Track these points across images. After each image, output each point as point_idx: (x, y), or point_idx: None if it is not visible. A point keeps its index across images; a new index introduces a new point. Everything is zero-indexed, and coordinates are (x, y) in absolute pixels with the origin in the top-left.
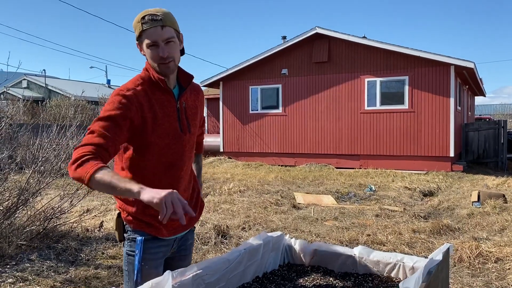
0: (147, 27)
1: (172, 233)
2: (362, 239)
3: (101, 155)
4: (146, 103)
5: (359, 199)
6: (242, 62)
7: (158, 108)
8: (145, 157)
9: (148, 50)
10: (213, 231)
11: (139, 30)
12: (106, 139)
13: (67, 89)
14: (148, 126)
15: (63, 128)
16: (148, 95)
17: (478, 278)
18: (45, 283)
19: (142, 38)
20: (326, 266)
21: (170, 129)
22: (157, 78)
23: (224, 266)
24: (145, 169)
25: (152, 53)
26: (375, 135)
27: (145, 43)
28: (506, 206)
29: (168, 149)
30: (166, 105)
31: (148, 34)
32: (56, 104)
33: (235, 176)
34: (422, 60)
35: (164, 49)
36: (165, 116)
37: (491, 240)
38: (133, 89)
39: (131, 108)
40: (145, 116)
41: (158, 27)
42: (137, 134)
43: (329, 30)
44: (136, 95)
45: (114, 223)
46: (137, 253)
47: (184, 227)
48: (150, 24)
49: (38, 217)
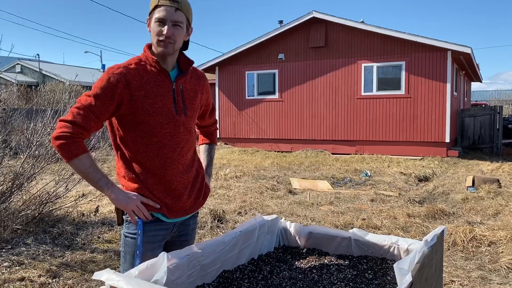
0: (163, 3)
1: (173, 215)
2: (357, 223)
3: (82, 135)
4: (136, 82)
5: (354, 184)
6: (238, 47)
7: (151, 87)
8: (136, 134)
9: (154, 25)
10: (209, 216)
11: (154, 4)
12: (88, 119)
13: (62, 74)
14: (138, 104)
15: (57, 113)
16: (140, 73)
17: (472, 261)
18: (41, 266)
19: (154, 13)
20: (321, 248)
21: (164, 109)
22: (150, 58)
23: (219, 248)
24: (137, 147)
25: (156, 28)
26: (371, 121)
27: (154, 17)
28: (500, 191)
29: (160, 128)
30: (160, 84)
31: (161, 10)
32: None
33: (232, 162)
34: (419, 45)
35: (170, 29)
36: (158, 96)
37: (485, 224)
38: (125, 67)
39: (117, 86)
40: (134, 94)
41: (173, 7)
42: (128, 112)
43: (326, 14)
44: (125, 74)
45: (115, 206)
46: (139, 234)
47: (185, 211)
48: (167, 2)
49: (34, 202)
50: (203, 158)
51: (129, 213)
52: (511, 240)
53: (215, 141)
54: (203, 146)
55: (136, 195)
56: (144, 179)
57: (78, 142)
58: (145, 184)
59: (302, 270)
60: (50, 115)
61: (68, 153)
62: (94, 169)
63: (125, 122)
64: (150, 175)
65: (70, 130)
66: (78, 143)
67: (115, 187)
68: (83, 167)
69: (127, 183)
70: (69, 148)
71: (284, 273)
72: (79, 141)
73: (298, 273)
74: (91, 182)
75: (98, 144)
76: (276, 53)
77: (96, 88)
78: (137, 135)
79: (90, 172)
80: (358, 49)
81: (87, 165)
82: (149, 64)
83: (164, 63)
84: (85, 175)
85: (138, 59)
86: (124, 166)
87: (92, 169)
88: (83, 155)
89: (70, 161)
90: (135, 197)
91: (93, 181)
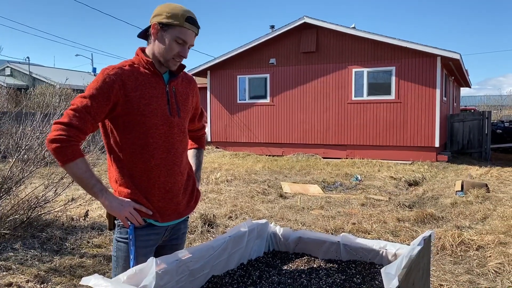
0: (189, 28)
1: (166, 219)
2: (348, 228)
3: (78, 138)
4: (131, 83)
5: (345, 189)
6: (230, 51)
7: (146, 88)
8: (131, 135)
9: (173, 43)
10: (199, 220)
11: (178, 22)
12: (85, 121)
13: (52, 77)
14: (134, 105)
15: (47, 116)
16: (135, 75)
17: (460, 265)
18: (29, 272)
19: (174, 30)
20: (310, 253)
21: (158, 110)
22: (146, 61)
23: (208, 253)
24: (132, 148)
25: (175, 47)
26: (362, 126)
27: (174, 35)
28: (489, 196)
29: (155, 129)
30: (155, 86)
31: (185, 32)
32: (40, 92)
33: (223, 165)
34: (409, 51)
35: (187, 51)
36: (153, 97)
37: (473, 228)
38: (120, 68)
39: (113, 87)
40: (130, 95)
41: (194, 33)
42: (123, 113)
43: (317, 19)
44: (121, 75)
45: (106, 211)
46: (131, 239)
47: (178, 214)
48: (192, 27)
49: (22, 206)
50: (192, 163)
51: (122, 220)
52: (499, 244)
53: (204, 146)
54: (191, 151)
55: (130, 202)
56: (137, 182)
57: (74, 146)
58: (139, 188)
59: (291, 274)
60: (39, 119)
61: (63, 157)
62: (89, 174)
63: (120, 123)
64: (145, 178)
65: (66, 133)
66: (74, 146)
67: (109, 193)
68: (78, 172)
69: (119, 188)
70: (65, 152)
71: (273, 278)
72: (75, 145)
73: (287, 278)
74: (86, 187)
75: (88, 147)
76: (268, 58)
77: (92, 89)
78: (132, 136)
79: (85, 177)
80: (349, 54)
81: (82, 169)
82: (143, 66)
83: (159, 67)
84: (80, 180)
85: (131, 61)
86: (117, 170)
87: (87, 174)
88: (79, 159)
89: (65, 165)
90: (128, 204)
91: (88, 186)
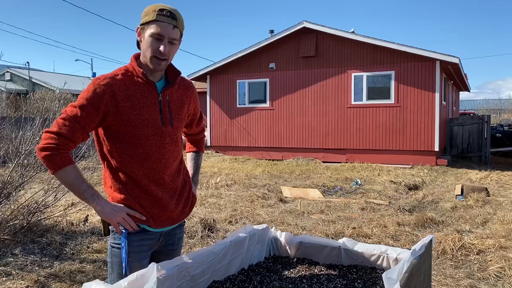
0: (162, 19)
1: (160, 225)
2: (348, 232)
3: (68, 146)
4: (122, 93)
5: (345, 193)
6: (229, 56)
7: (138, 98)
8: (122, 145)
9: (150, 39)
10: (199, 225)
11: (151, 17)
12: (74, 130)
13: (52, 82)
14: (124, 116)
15: (47, 121)
16: (126, 84)
17: (461, 269)
18: (29, 277)
19: (150, 26)
20: (311, 258)
21: (150, 120)
22: (137, 70)
23: (209, 258)
24: (122, 157)
25: (152, 43)
26: (361, 130)
27: (150, 31)
28: (489, 200)
29: (146, 139)
30: (147, 96)
31: (159, 25)
32: (40, 97)
33: (222, 170)
34: (408, 55)
35: (166, 46)
36: (144, 107)
37: (473, 232)
38: (111, 78)
39: (103, 97)
40: (120, 105)
41: (171, 25)
42: (113, 123)
43: (316, 24)
44: (112, 85)
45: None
46: (123, 246)
47: (172, 221)
48: (165, 18)
49: (22, 211)
50: (189, 166)
51: (114, 225)
52: (499, 249)
53: (202, 149)
54: (190, 154)
55: (122, 207)
56: (130, 189)
57: (63, 154)
58: (132, 194)
59: (292, 280)
60: (39, 124)
61: (53, 165)
62: (79, 181)
63: (111, 132)
64: (136, 186)
65: (56, 142)
66: (64, 154)
67: (101, 199)
68: (68, 179)
69: (113, 194)
70: (54, 160)
71: (274, 283)
72: (64, 153)
73: (289, 283)
74: (77, 193)
75: (88, 152)
76: (267, 62)
77: (82, 99)
78: (122, 145)
79: (75, 184)
80: (348, 58)
81: (72, 176)
82: (136, 75)
83: (151, 75)
84: (70, 186)
85: (125, 69)
86: (111, 176)
87: (77, 180)
88: (69, 167)
89: (55, 173)
90: (121, 209)
91: (79, 192)
